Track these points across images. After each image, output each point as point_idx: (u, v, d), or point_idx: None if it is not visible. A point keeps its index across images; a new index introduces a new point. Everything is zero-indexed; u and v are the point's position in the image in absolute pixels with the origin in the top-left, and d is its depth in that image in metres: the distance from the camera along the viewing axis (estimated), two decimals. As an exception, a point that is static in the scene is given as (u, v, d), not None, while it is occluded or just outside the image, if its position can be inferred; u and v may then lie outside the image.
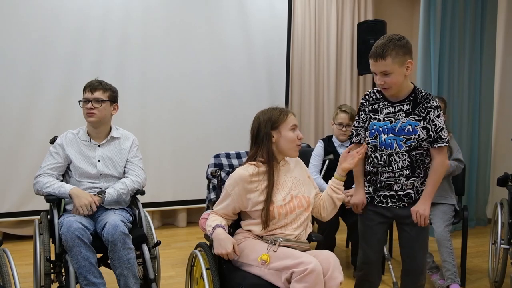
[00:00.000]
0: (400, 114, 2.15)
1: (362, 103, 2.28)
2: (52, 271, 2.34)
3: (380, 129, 2.17)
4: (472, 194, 4.55)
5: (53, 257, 2.35)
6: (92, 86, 2.54)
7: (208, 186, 2.84)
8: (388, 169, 2.18)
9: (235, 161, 2.79)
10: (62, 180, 2.56)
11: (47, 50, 3.90)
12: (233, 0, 4.53)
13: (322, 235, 2.28)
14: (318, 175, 3.39)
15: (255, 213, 2.06)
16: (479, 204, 4.65)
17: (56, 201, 2.46)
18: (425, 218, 2.12)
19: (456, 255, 3.03)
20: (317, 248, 2.65)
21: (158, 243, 2.51)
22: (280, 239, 2.00)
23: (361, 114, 2.29)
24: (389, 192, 2.22)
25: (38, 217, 2.61)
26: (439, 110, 2.11)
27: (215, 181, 2.57)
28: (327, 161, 3.44)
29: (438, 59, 4.20)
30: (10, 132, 3.83)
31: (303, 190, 2.15)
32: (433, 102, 2.11)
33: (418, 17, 4.61)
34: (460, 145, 3.44)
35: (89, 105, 2.52)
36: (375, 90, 2.25)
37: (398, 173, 2.17)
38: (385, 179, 2.21)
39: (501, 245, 3.00)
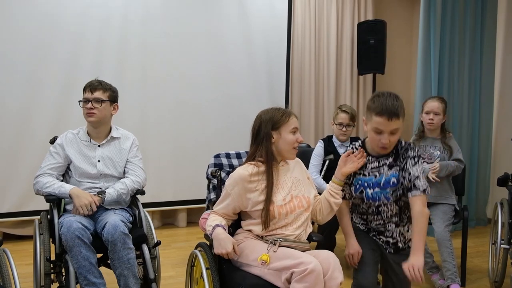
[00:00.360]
0: (384, 168, 2.14)
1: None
2: (52, 271, 2.34)
3: (366, 184, 2.16)
4: (472, 194, 4.55)
5: (53, 257, 2.35)
6: (92, 86, 2.54)
7: (208, 186, 2.84)
8: (378, 217, 2.20)
9: (235, 161, 2.79)
10: (62, 180, 2.56)
11: (47, 51, 3.90)
12: (233, 0, 4.53)
13: (322, 235, 2.28)
14: (318, 175, 3.39)
15: (255, 213, 2.06)
16: (479, 204, 4.66)
17: (56, 201, 2.45)
18: (419, 269, 1.92)
19: (456, 255, 3.03)
20: (317, 248, 2.64)
21: (158, 243, 2.51)
22: (280, 239, 2.00)
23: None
24: (378, 236, 2.24)
25: (38, 217, 2.61)
26: (415, 159, 2.09)
27: (215, 181, 2.57)
28: (327, 161, 3.44)
29: (438, 59, 4.21)
30: (10, 132, 3.83)
31: (303, 190, 2.15)
32: (411, 152, 2.10)
33: (418, 17, 4.61)
34: (460, 145, 3.43)
35: (89, 105, 2.52)
36: (357, 145, 2.23)
37: (387, 220, 2.19)
38: (376, 226, 2.23)
39: (501, 245, 2.99)
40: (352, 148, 2.24)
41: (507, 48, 4.66)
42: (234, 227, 2.22)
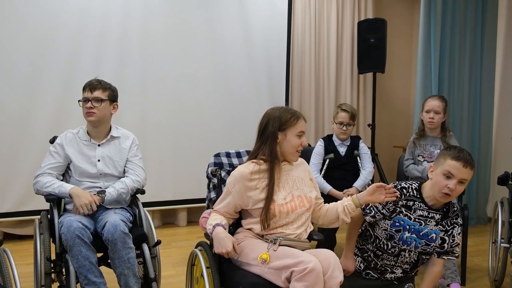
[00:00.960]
0: (431, 221, 2.13)
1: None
2: (52, 270, 2.34)
3: (408, 227, 2.13)
4: (473, 193, 4.55)
5: (53, 257, 2.35)
6: (91, 86, 2.54)
7: (208, 185, 2.84)
8: (393, 259, 2.18)
9: (235, 160, 2.79)
10: (62, 180, 2.56)
11: (47, 49, 3.90)
12: (233, -1, 4.54)
13: (322, 234, 2.27)
14: (318, 174, 3.39)
15: (256, 211, 2.06)
16: (480, 203, 4.65)
17: (56, 201, 2.45)
18: None
19: (457, 254, 3.03)
20: (317, 247, 2.64)
21: (159, 242, 2.51)
22: (280, 238, 2.00)
23: (391, 204, 2.14)
24: (378, 275, 2.22)
25: (38, 216, 2.61)
26: (461, 228, 2.15)
27: (215, 180, 2.57)
28: (327, 160, 3.44)
29: (438, 57, 4.20)
30: (10, 131, 3.83)
31: (306, 190, 2.14)
32: (460, 220, 2.14)
33: (418, 16, 4.61)
34: (461, 144, 3.44)
35: (89, 104, 2.52)
36: (413, 187, 2.17)
37: (399, 264, 2.19)
38: (384, 264, 2.20)
39: (501, 244, 2.99)
40: (409, 187, 2.16)
41: (507, 47, 4.66)
42: (234, 226, 2.22)
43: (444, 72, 4.27)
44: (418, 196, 2.14)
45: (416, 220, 2.13)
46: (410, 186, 2.17)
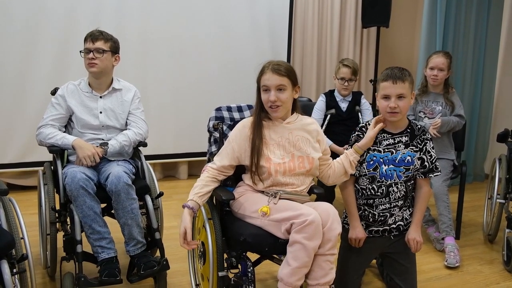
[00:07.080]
0: (400, 145, 2.17)
1: (358, 135, 2.23)
2: (57, 220, 2.40)
3: (381, 160, 2.17)
4: (471, 149, 4.59)
5: (58, 207, 2.39)
6: (93, 36, 2.50)
7: (209, 139, 2.85)
8: (385, 200, 2.18)
9: (236, 114, 2.79)
10: (64, 131, 2.57)
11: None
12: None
13: (322, 188, 2.30)
14: (319, 130, 3.40)
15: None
16: (478, 160, 4.70)
17: (59, 152, 2.47)
18: (421, 244, 2.20)
19: (453, 209, 3.09)
20: (317, 201, 2.69)
21: (161, 194, 2.56)
22: (280, 192, 2.02)
23: None
24: (382, 227, 2.22)
25: (42, 168, 2.64)
26: (432, 142, 2.21)
27: (216, 134, 2.58)
28: (328, 116, 3.44)
29: (444, 12, 4.12)
30: (11, 82, 3.81)
31: (309, 151, 2.10)
32: (428, 135, 2.21)
33: (425, -32, 4.46)
34: (462, 101, 3.43)
35: (91, 55, 2.48)
36: (370, 124, 2.23)
37: (393, 203, 2.19)
38: (380, 211, 2.20)
39: (497, 200, 3.05)
40: (366, 124, 2.25)
41: (515, 2, 4.55)
42: (233, 180, 2.23)
43: (449, 27, 4.19)
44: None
45: (386, 150, 2.18)
46: (367, 123, 2.26)
